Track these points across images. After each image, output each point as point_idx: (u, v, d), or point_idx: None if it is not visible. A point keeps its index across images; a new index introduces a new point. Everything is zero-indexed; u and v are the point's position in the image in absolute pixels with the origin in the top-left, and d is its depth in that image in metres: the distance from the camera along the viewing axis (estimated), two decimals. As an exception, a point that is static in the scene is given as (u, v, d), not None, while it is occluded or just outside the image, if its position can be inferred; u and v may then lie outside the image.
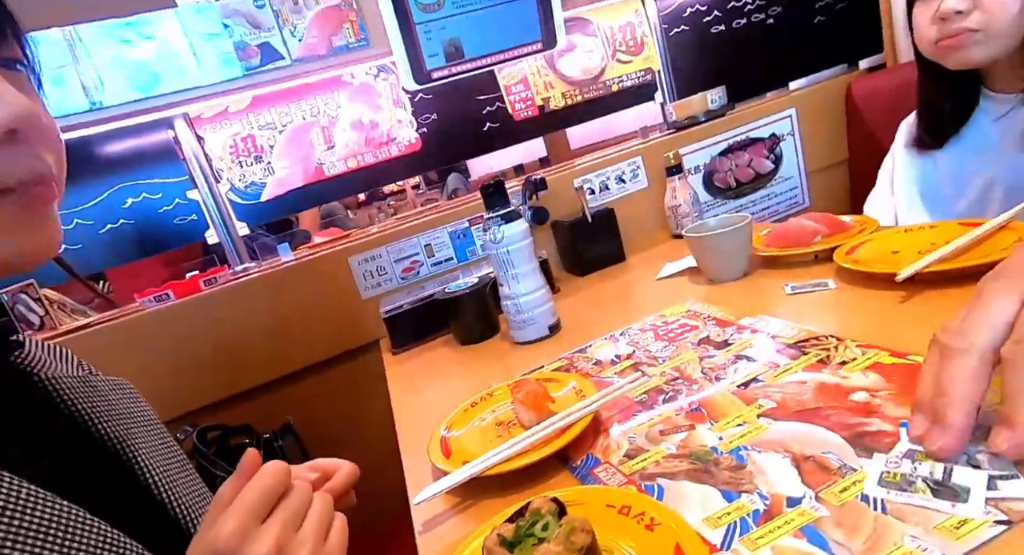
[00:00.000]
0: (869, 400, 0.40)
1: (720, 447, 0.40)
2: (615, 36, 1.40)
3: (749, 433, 0.40)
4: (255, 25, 0.94)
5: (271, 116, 1.21)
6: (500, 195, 0.73)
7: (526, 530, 0.29)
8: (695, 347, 0.57)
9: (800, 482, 0.34)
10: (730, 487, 0.36)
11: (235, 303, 0.94)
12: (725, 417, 0.43)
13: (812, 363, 0.47)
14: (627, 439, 0.45)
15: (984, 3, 0.65)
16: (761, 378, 0.47)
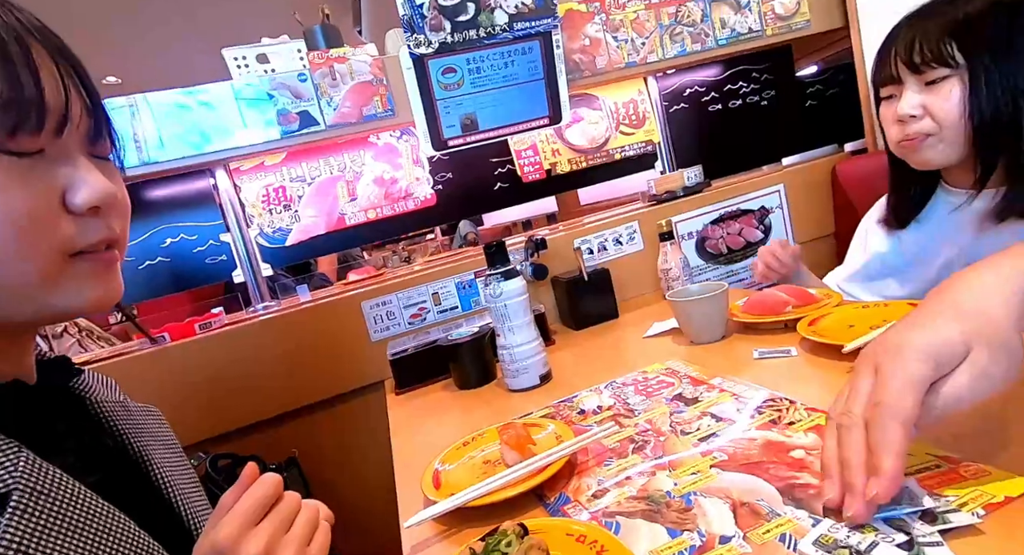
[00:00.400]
0: (804, 457, 0.46)
1: (673, 492, 0.46)
2: (619, 111, 1.53)
3: (700, 481, 0.46)
4: (297, 96, 1.07)
5: (302, 170, 1.33)
6: (502, 254, 0.82)
7: (493, 546, 0.35)
8: (668, 402, 0.63)
9: (734, 524, 0.40)
10: (675, 526, 0.41)
11: (254, 339, 1.02)
12: (682, 466, 0.49)
13: (765, 423, 0.53)
14: (596, 481, 0.51)
15: (933, 110, 0.74)
16: (719, 434, 0.53)
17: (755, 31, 1.31)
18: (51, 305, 0.37)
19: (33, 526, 0.33)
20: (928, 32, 0.71)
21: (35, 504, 0.34)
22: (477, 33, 1.05)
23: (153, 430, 0.51)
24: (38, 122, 0.34)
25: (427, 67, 1.05)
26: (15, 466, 0.34)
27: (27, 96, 0.34)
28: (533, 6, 1.06)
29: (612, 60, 1.24)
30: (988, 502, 0.35)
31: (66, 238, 0.36)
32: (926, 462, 0.40)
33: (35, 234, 0.35)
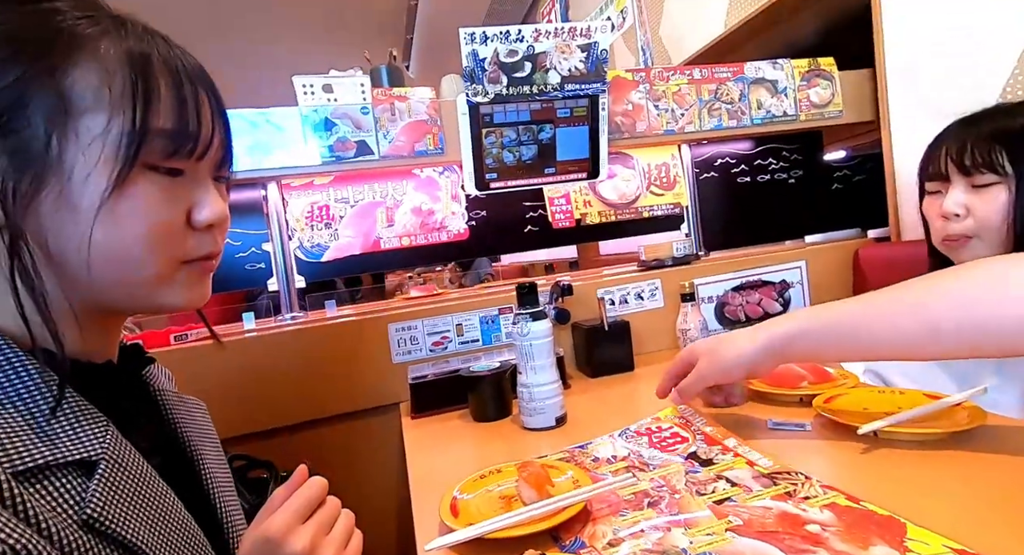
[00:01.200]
0: (820, 532, 0.47)
1: (689, 550, 0.47)
2: (652, 171, 1.60)
3: (715, 543, 0.47)
4: (357, 126, 1.15)
5: (347, 192, 1.40)
6: (533, 296, 0.86)
7: None
8: (684, 461, 0.65)
9: None
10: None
11: (281, 347, 1.06)
12: (697, 527, 0.50)
13: (780, 493, 0.54)
14: (612, 530, 0.52)
15: (977, 212, 0.77)
16: (735, 498, 0.55)
17: (789, 115, 1.39)
18: (157, 302, 0.42)
19: (113, 493, 0.36)
20: (980, 137, 0.77)
21: (117, 474, 0.37)
22: (531, 89, 1.13)
23: (200, 423, 0.55)
24: (191, 151, 0.41)
25: (481, 115, 1.13)
26: (104, 438, 0.38)
27: (190, 130, 0.40)
28: (585, 71, 1.15)
29: (652, 126, 1.32)
30: None
31: (185, 248, 0.42)
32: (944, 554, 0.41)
33: (164, 242, 0.41)
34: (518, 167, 1.19)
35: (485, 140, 1.15)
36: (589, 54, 1.12)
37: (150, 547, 0.37)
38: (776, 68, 1.38)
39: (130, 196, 0.38)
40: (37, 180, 0.36)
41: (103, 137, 0.37)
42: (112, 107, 0.37)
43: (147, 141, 0.38)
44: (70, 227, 0.37)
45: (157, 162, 0.39)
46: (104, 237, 0.38)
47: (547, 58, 1.09)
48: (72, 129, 0.36)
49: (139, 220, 0.39)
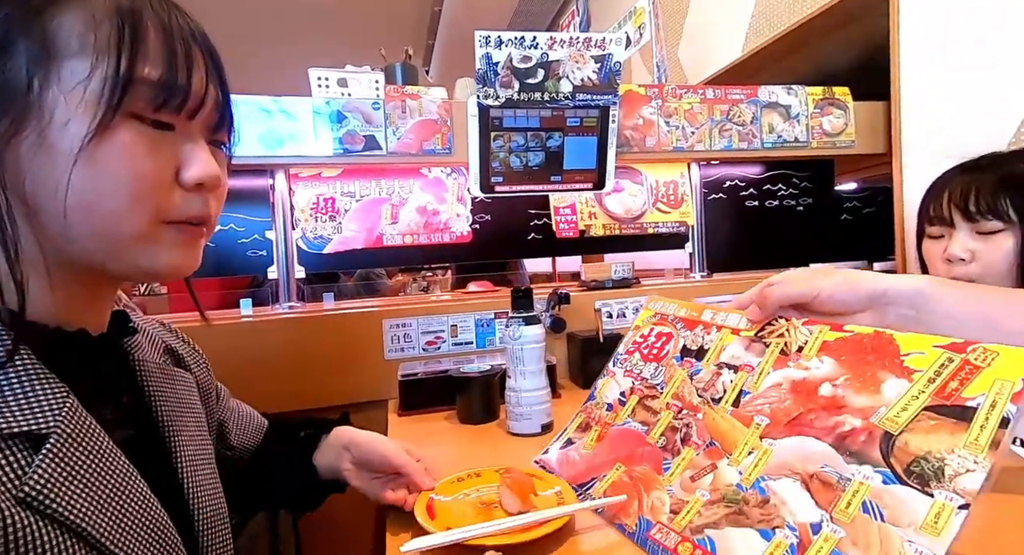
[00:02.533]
0: (834, 392, 0.47)
1: (743, 483, 0.47)
2: (659, 188, 1.60)
3: (760, 461, 0.47)
4: (367, 121, 1.16)
5: (354, 187, 1.40)
6: (527, 300, 0.85)
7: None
8: (680, 364, 0.62)
9: (814, 505, 0.41)
10: (763, 525, 0.43)
11: (275, 335, 1.05)
12: (736, 447, 0.50)
13: (777, 357, 0.54)
14: (667, 493, 0.51)
15: (981, 257, 0.77)
16: (747, 389, 0.54)
17: (801, 142, 1.39)
18: (136, 263, 0.41)
19: (59, 470, 0.35)
20: (984, 184, 0.76)
21: (68, 449, 0.36)
22: (542, 96, 1.13)
23: (183, 397, 0.54)
24: (179, 104, 0.40)
25: (491, 118, 1.13)
26: (60, 410, 0.36)
27: (179, 83, 0.39)
28: (597, 82, 1.15)
29: (661, 142, 1.32)
30: (1014, 392, 0.37)
31: (167, 206, 0.41)
32: (939, 359, 0.43)
33: (145, 196, 0.39)
34: (524, 173, 1.19)
35: (493, 143, 1.15)
36: (603, 66, 1.12)
37: (98, 528, 0.35)
38: (790, 94, 1.38)
39: (111, 143, 0.37)
40: (16, 122, 0.36)
41: (86, 82, 0.36)
42: (97, 52, 0.36)
43: (132, 89, 0.37)
44: (47, 171, 0.36)
45: (143, 112, 0.38)
46: (82, 183, 0.36)
47: (560, 66, 1.10)
48: (55, 72, 0.36)
49: (119, 168, 0.38)
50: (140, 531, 0.38)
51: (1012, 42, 1.09)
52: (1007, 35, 1.09)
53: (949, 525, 0.34)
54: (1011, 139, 1.13)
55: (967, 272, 0.77)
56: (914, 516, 0.36)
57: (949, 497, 0.36)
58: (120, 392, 0.47)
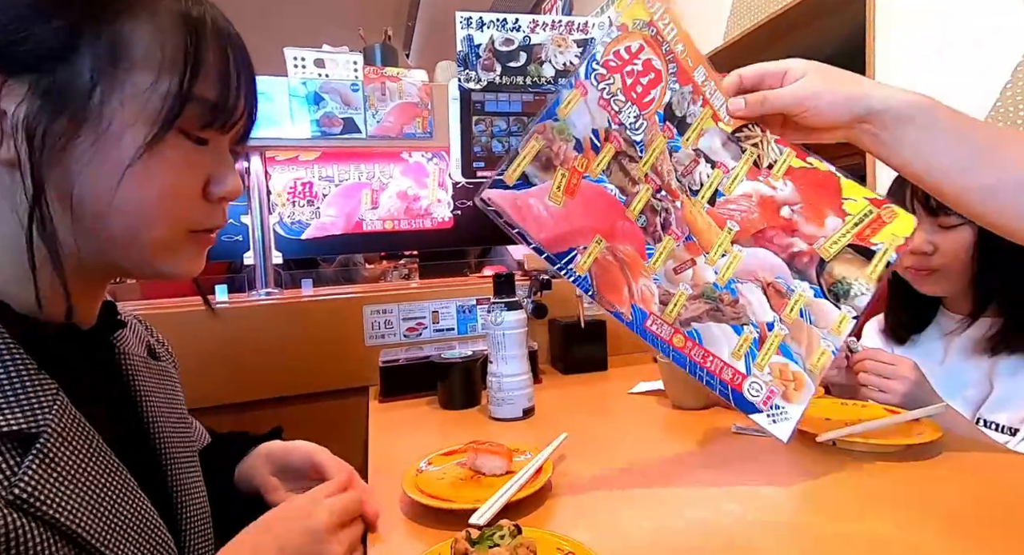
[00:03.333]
0: (791, 216, 0.57)
1: (718, 282, 0.55)
2: (642, 175, 1.61)
3: (731, 264, 0.56)
4: (346, 102, 1.13)
5: (332, 171, 1.38)
6: (509, 285, 0.85)
7: (488, 535, 0.37)
8: (662, 128, 0.57)
9: (769, 308, 0.55)
10: (736, 321, 0.54)
11: (252, 322, 1.03)
12: (712, 246, 0.57)
13: (751, 167, 0.59)
14: (654, 283, 0.54)
15: (943, 250, 0.79)
16: (721, 191, 0.58)
17: (780, 128, 1.40)
18: (155, 268, 0.41)
19: (50, 470, 0.34)
20: None
21: (57, 450, 0.35)
22: (524, 80, 1.12)
23: (167, 391, 0.52)
24: (223, 123, 0.41)
25: (472, 102, 1.11)
26: (51, 408, 0.35)
27: (228, 104, 0.40)
28: (582, 66, 1.14)
29: (644, 128, 1.32)
30: (897, 245, 0.57)
31: (196, 219, 0.42)
32: (864, 210, 0.58)
33: (177, 209, 0.40)
34: (506, 157, 1.18)
35: (475, 128, 1.14)
36: (585, 50, 1.11)
37: (89, 531, 0.34)
38: (770, 81, 1.39)
39: (159, 157, 0.38)
40: (73, 126, 0.35)
41: (147, 94, 0.37)
42: (162, 67, 0.37)
43: (187, 106, 0.38)
44: (97, 176, 0.37)
45: (190, 129, 0.39)
46: (127, 193, 0.37)
47: (542, 50, 1.09)
48: (119, 81, 0.36)
49: (162, 182, 0.39)
50: (131, 532, 0.38)
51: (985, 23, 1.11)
52: (980, 14, 1.12)
53: (845, 328, 0.55)
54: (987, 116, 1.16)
55: (927, 263, 0.80)
56: (828, 321, 0.55)
57: (849, 310, 0.55)
58: (109, 387, 0.46)
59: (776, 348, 0.54)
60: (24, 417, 0.34)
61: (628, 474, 0.61)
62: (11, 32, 0.34)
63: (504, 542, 0.37)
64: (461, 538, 0.38)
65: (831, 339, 0.55)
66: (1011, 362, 0.77)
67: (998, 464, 0.59)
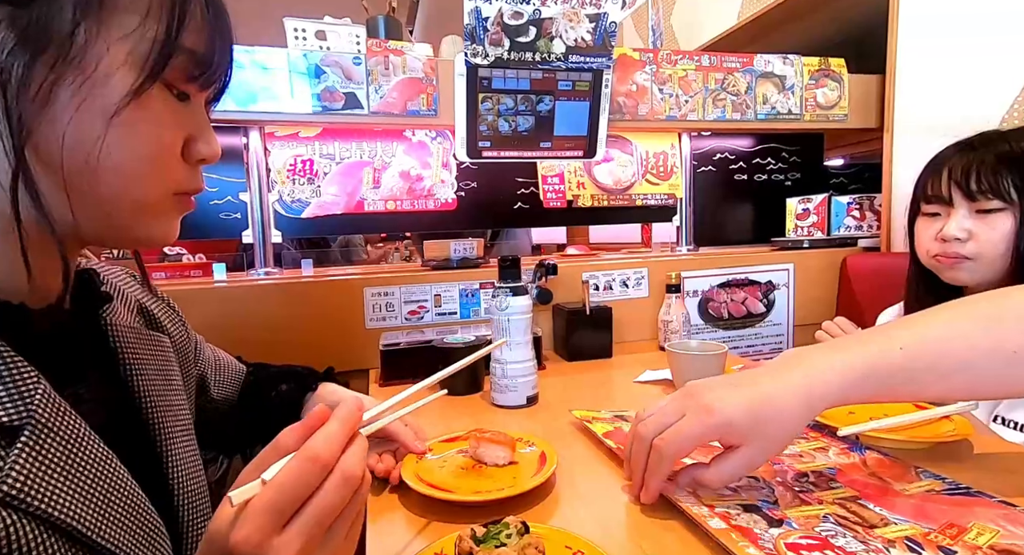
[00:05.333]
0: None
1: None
2: (649, 160, 1.57)
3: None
4: (347, 76, 1.09)
5: (333, 149, 1.34)
6: (515, 270, 0.83)
7: (494, 533, 0.35)
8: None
9: None
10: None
11: (251, 301, 1.01)
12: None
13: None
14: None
15: (979, 236, 0.76)
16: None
17: (794, 114, 1.36)
18: (136, 232, 0.39)
19: (37, 464, 0.31)
20: (985, 163, 0.75)
21: (43, 442, 0.32)
22: (533, 56, 1.08)
23: (160, 364, 0.50)
24: (207, 78, 0.39)
25: (479, 78, 1.07)
26: (32, 398, 0.33)
27: (214, 58, 0.39)
28: (592, 43, 1.10)
29: (654, 110, 1.28)
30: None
31: (180, 180, 0.40)
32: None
33: (164, 168, 0.38)
34: (513, 137, 1.14)
35: (481, 106, 1.10)
36: (597, 25, 1.07)
37: (83, 522, 0.32)
38: (786, 63, 1.35)
39: (144, 109, 0.36)
40: (56, 68, 0.33)
41: (132, 38, 0.35)
42: (149, 11, 0.35)
43: (175, 56, 0.36)
44: (86, 124, 0.34)
45: (175, 82, 0.38)
46: (114, 147, 0.35)
47: (553, 25, 1.04)
48: (103, 21, 0.34)
49: (147, 136, 0.37)
50: (123, 519, 0.35)
51: (1009, 19, 1.06)
52: (1005, 10, 1.07)
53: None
54: (1004, 115, 1.12)
55: (961, 251, 0.77)
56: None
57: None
58: (98, 364, 0.43)
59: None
60: (5, 409, 0.31)
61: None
62: None
63: (511, 541, 0.35)
64: (466, 536, 0.36)
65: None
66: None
67: None
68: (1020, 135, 0.78)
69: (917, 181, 0.86)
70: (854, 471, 0.54)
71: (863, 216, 1.44)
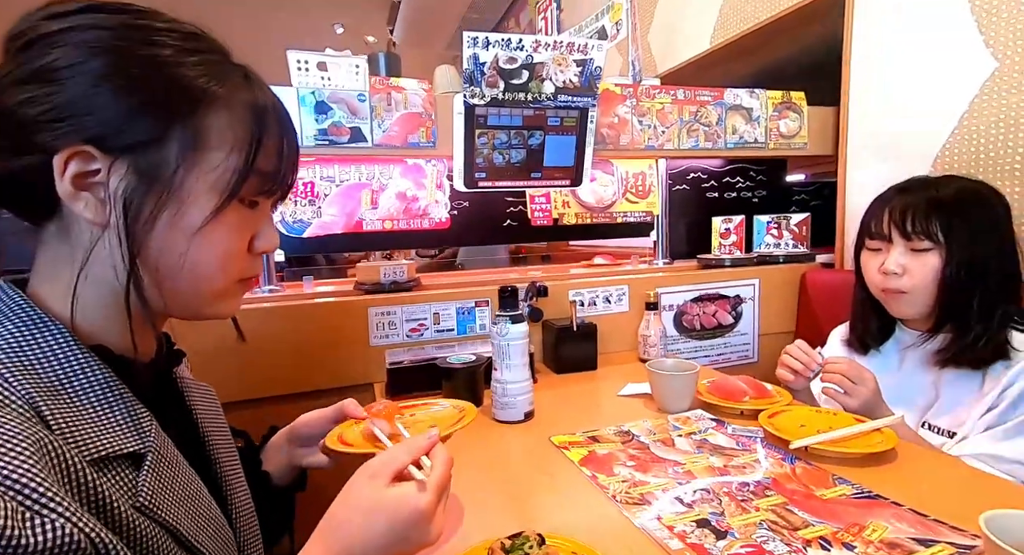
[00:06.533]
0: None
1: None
2: (629, 180, 1.68)
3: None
4: (353, 112, 1.17)
5: (334, 171, 1.41)
6: (514, 299, 0.93)
7: (518, 546, 0.45)
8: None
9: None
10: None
11: (257, 320, 1.09)
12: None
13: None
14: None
15: (913, 272, 0.88)
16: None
17: (760, 142, 1.49)
18: (207, 312, 0.49)
19: (158, 483, 0.41)
20: (918, 207, 0.87)
21: (159, 466, 0.42)
22: (525, 97, 1.17)
23: (210, 407, 0.59)
24: (275, 191, 0.49)
25: (476, 116, 1.16)
26: (149, 431, 0.43)
27: (282, 174, 0.48)
28: (578, 84, 1.20)
29: (634, 140, 1.39)
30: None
31: (244, 270, 0.49)
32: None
33: (232, 264, 0.47)
34: (507, 169, 1.24)
35: (477, 140, 1.19)
36: (584, 69, 1.17)
37: (188, 531, 0.42)
38: (752, 97, 1.47)
39: (221, 222, 0.45)
40: (162, 201, 0.42)
41: (218, 170, 0.44)
42: (232, 147, 0.44)
43: (249, 178, 0.45)
44: (175, 243, 0.43)
45: (247, 196, 0.46)
46: (196, 254, 0.44)
47: (544, 69, 1.14)
48: (197, 162, 0.43)
49: (222, 242, 0.45)
50: (209, 528, 0.46)
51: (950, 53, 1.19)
52: (946, 45, 1.20)
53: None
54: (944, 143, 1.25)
55: (899, 284, 0.89)
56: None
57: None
58: (175, 413, 0.53)
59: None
60: (133, 441, 0.41)
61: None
62: (120, 123, 0.41)
63: (533, 552, 0.45)
64: (497, 548, 0.46)
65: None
66: (956, 374, 0.88)
67: (944, 467, 0.70)
68: (946, 182, 0.91)
69: (864, 217, 0.99)
70: (786, 480, 0.66)
71: (780, 235, 1.57)
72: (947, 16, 1.19)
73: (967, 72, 1.16)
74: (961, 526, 0.54)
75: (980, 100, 1.14)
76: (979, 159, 1.14)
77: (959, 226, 0.85)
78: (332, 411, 0.70)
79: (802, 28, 1.69)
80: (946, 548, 0.51)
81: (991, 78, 1.11)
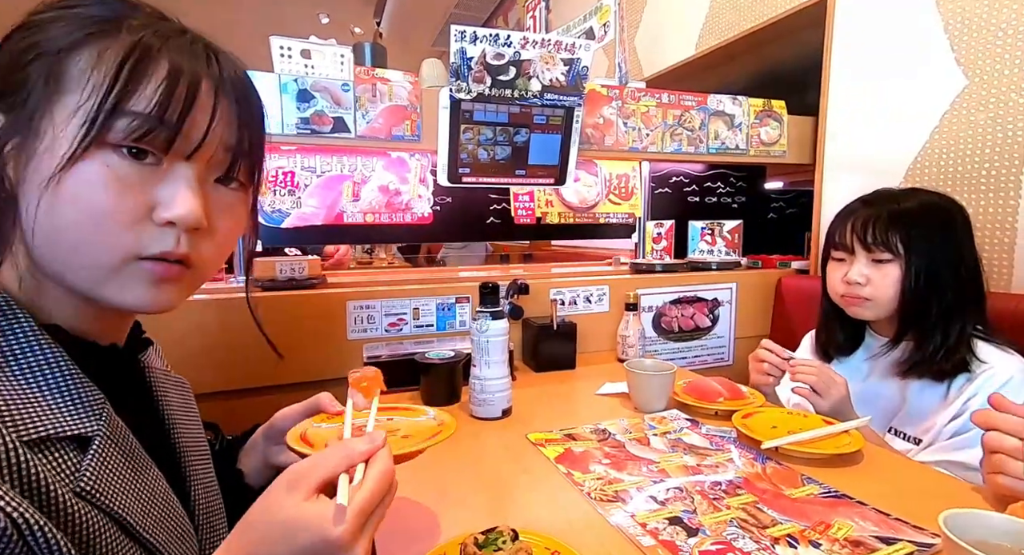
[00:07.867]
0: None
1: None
2: (612, 181, 1.69)
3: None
4: (336, 102, 1.15)
5: (314, 162, 1.39)
6: (495, 296, 0.92)
7: (492, 540, 0.45)
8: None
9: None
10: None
11: (232, 310, 1.06)
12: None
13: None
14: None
15: (875, 282, 0.91)
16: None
17: (741, 149, 1.51)
18: (102, 295, 0.42)
19: (104, 468, 0.39)
20: (879, 220, 0.90)
21: (108, 451, 0.40)
22: (512, 93, 1.17)
23: (181, 399, 0.57)
24: (166, 141, 0.40)
25: (461, 111, 1.16)
26: (100, 415, 0.41)
27: (166, 119, 0.39)
28: (565, 83, 1.20)
29: (619, 141, 1.40)
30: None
31: (130, 243, 0.40)
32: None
33: (108, 233, 0.39)
34: (491, 165, 1.23)
35: (462, 135, 1.19)
36: (571, 68, 1.17)
37: (136, 519, 0.40)
38: (735, 103, 1.50)
39: (78, 177, 0.38)
40: (28, 151, 0.38)
41: (71, 117, 0.38)
42: (89, 89, 0.38)
43: (113, 119, 0.38)
44: (28, 201, 0.38)
45: (122, 142, 0.38)
46: (64, 213, 0.38)
47: (531, 66, 1.14)
48: (52, 104, 0.38)
49: (89, 199, 0.38)
50: (163, 520, 0.44)
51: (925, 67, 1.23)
52: (919, 62, 1.24)
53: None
54: (915, 156, 1.29)
55: (860, 293, 0.92)
56: None
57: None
58: (135, 399, 0.51)
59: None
60: (80, 422, 0.39)
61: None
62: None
63: (506, 547, 0.45)
64: (470, 543, 0.45)
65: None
66: (920, 383, 0.91)
67: (906, 469, 0.72)
68: (907, 196, 0.94)
69: (829, 228, 1.01)
70: (757, 480, 0.67)
71: (713, 241, 1.60)
72: (921, 33, 1.22)
73: (939, 88, 1.19)
74: (922, 525, 0.56)
75: (951, 115, 1.18)
76: (948, 173, 1.18)
77: (918, 238, 0.88)
78: (304, 406, 0.66)
79: (784, 38, 1.72)
80: (907, 546, 0.52)
81: (961, 95, 1.15)
